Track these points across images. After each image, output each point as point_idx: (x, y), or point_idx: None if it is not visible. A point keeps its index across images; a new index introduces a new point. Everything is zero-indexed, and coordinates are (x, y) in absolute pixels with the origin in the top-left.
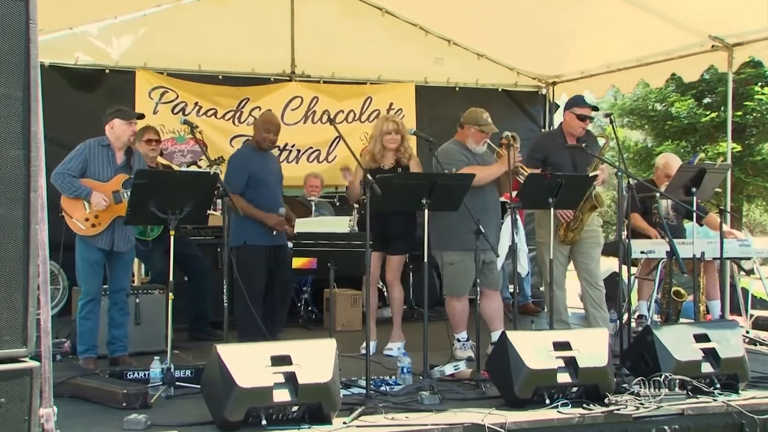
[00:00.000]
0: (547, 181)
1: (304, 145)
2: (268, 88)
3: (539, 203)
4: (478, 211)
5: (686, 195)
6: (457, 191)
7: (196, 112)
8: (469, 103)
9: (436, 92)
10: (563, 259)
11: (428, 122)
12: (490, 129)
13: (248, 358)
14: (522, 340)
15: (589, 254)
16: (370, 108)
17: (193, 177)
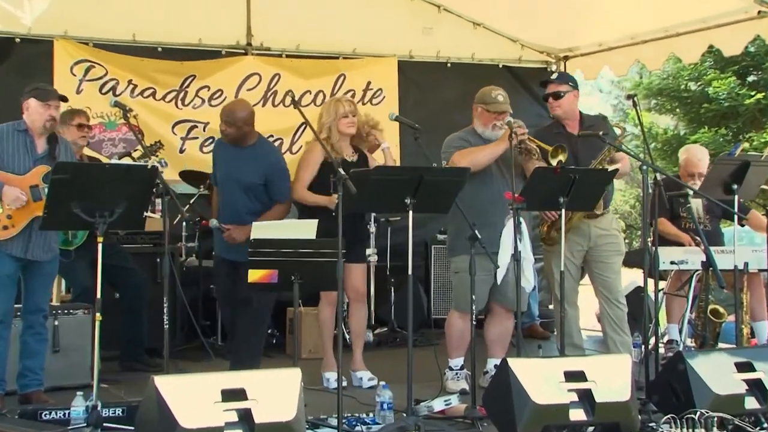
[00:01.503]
0: (557, 176)
1: (263, 133)
2: (219, 64)
3: (548, 203)
4: (486, 204)
5: (726, 193)
6: (448, 188)
7: (129, 93)
8: (463, 81)
9: (424, 69)
10: (576, 271)
11: (414, 105)
12: (498, 108)
13: (193, 392)
14: (527, 369)
15: (607, 265)
16: (343, 87)
17: (125, 171)
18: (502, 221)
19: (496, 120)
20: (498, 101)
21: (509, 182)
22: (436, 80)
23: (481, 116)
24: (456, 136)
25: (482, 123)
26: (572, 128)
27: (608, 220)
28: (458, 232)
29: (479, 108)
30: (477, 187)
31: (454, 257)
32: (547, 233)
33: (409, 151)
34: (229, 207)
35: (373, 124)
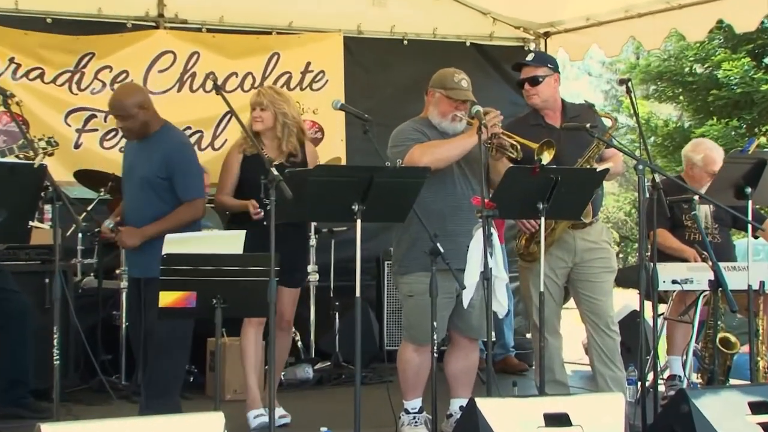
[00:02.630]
0: (535, 177)
1: (177, 124)
2: (123, 39)
3: (525, 210)
4: (447, 211)
5: (738, 198)
6: (404, 192)
7: (11, 74)
8: (423, 62)
9: (376, 47)
10: (558, 292)
11: (363, 91)
12: (462, 95)
13: None
14: (499, 412)
15: (596, 284)
16: (277, 69)
17: (6, 171)
18: (468, 232)
19: (458, 110)
20: (462, 87)
21: (476, 184)
22: (390, 61)
23: (439, 104)
24: (408, 126)
25: (440, 112)
26: (553, 119)
27: (597, 230)
28: (413, 246)
29: (437, 93)
30: (436, 190)
31: (406, 276)
32: (526, 247)
33: (357, 147)
34: (130, 209)
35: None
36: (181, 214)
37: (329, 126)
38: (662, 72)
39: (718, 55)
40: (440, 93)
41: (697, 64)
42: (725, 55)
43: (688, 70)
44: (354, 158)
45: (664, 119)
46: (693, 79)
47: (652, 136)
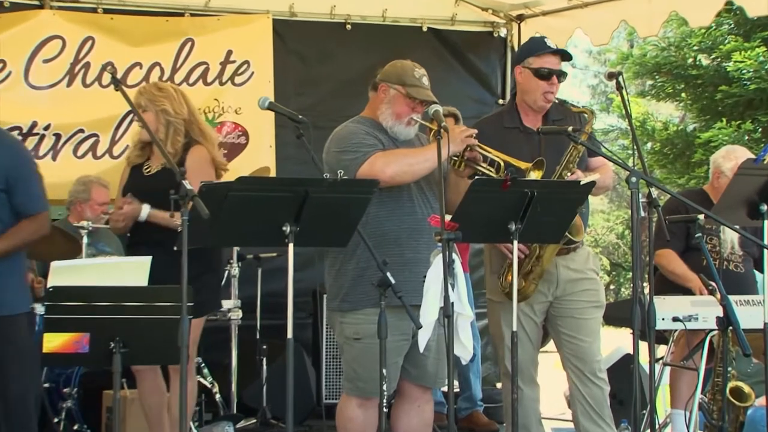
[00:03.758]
0: (506, 191)
1: (67, 126)
2: None
3: (493, 232)
4: (400, 233)
5: (751, 217)
6: (347, 210)
7: None
8: (371, 51)
9: (312, 32)
10: (536, 332)
11: (298, 86)
12: (424, 95)
13: None
14: None
15: (581, 322)
16: (190, 59)
17: None
18: (425, 258)
19: (415, 112)
20: (424, 85)
21: (435, 202)
22: (331, 49)
23: (394, 103)
24: (358, 129)
25: (394, 113)
26: (532, 122)
27: (583, 257)
28: (360, 276)
29: (392, 90)
30: (391, 209)
31: (351, 315)
32: (510, 285)
33: (290, 155)
34: None
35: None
36: (24, 231)
37: (255, 129)
38: (660, 64)
39: (728, 44)
40: (397, 90)
41: (703, 54)
42: (736, 43)
43: (691, 62)
44: (285, 168)
45: (662, 121)
46: (697, 72)
47: (648, 142)
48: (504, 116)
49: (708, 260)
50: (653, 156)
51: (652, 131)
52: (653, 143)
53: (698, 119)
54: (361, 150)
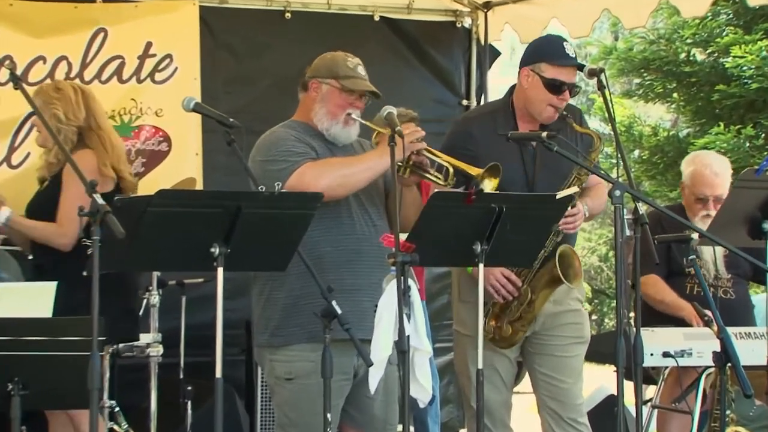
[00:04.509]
0: (470, 206)
1: None
2: None
3: (455, 254)
4: (344, 259)
5: (752, 236)
6: (285, 228)
7: None
8: (315, 42)
9: (247, 21)
10: (509, 370)
11: (229, 84)
12: (361, 86)
13: None
14: None
15: (561, 361)
16: (104, 52)
17: None
18: (373, 286)
19: (353, 107)
20: (360, 75)
21: (377, 219)
22: (268, 42)
23: (328, 99)
24: (287, 134)
25: (329, 111)
26: (528, 126)
27: (565, 285)
28: (293, 306)
29: (324, 86)
30: (327, 227)
31: (282, 351)
32: (498, 327)
33: (219, 163)
34: None
35: None
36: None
37: (179, 134)
38: (649, 60)
39: (726, 37)
40: (330, 84)
41: (697, 48)
42: (735, 36)
43: (684, 58)
44: (214, 180)
45: (651, 125)
46: (691, 69)
47: (635, 149)
48: (498, 118)
49: (703, 286)
50: (641, 166)
51: (639, 137)
52: (641, 151)
53: (692, 123)
54: (290, 159)
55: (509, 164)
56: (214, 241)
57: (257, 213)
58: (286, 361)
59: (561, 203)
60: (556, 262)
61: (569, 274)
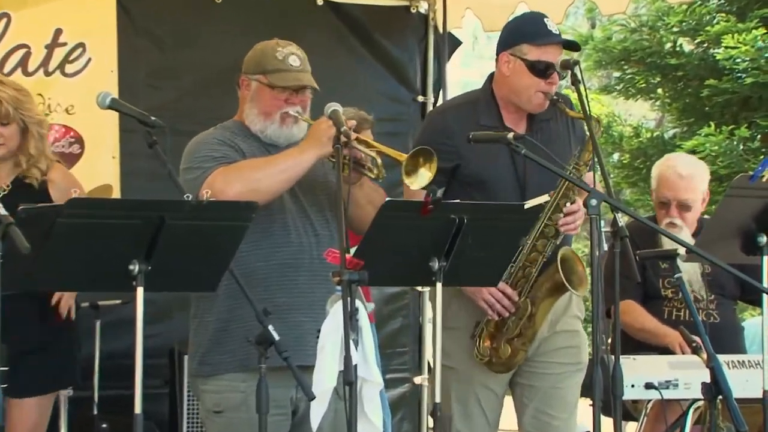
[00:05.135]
0: (426, 217)
1: None
2: None
3: (411, 271)
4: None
5: (746, 251)
6: (215, 243)
7: None
8: (249, 31)
9: (169, 7)
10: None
11: (152, 78)
12: (293, 79)
13: None
14: None
15: (555, 393)
16: (6, 41)
17: None
18: (314, 306)
19: (289, 104)
20: (291, 67)
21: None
22: (196, 30)
23: (258, 98)
24: (209, 138)
25: (261, 111)
26: (516, 123)
27: (563, 300)
28: (223, 330)
29: (254, 83)
30: (257, 239)
31: (211, 381)
32: (494, 349)
33: (140, 168)
34: None
35: None
36: None
37: (93, 135)
38: (630, 50)
39: (717, 25)
40: (258, 81)
41: (684, 38)
42: (727, 24)
43: (670, 48)
44: (134, 186)
45: (633, 125)
46: (678, 61)
47: (614, 152)
48: (479, 109)
49: (691, 308)
50: (621, 171)
51: (619, 138)
52: (621, 154)
53: (679, 123)
54: (204, 166)
55: (497, 161)
56: (133, 257)
57: (183, 225)
58: (215, 392)
59: (530, 214)
60: (558, 266)
61: (573, 281)
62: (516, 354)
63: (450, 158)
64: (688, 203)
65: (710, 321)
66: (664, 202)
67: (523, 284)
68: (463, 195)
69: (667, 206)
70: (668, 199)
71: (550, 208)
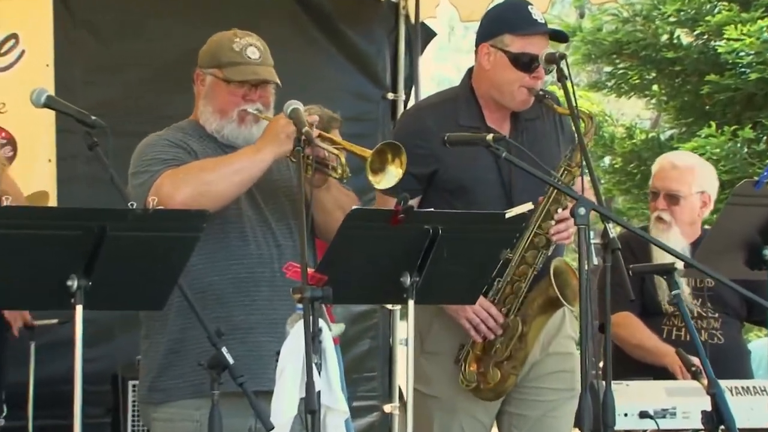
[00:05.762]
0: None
1: None
2: None
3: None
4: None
5: (750, 265)
6: (162, 256)
7: None
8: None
9: None
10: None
11: (91, 73)
12: (251, 73)
13: None
14: None
15: (546, 423)
16: None
17: None
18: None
19: (247, 101)
20: (249, 60)
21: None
22: (141, 20)
23: (213, 95)
24: (155, 140)
25: (216, 108)
26: (500, 122)
27: (555, 320)
28: (174, 353)
29: (209, 78)
30: (210, 251)
31: (162, 408)
32: (482, 374)
33: (79, 173)
34: None
35: None
36: None
37: (27, 136)
38: (622, 43)
39: (718, 15)
40: (213, 75)
41: (683, 29)
42: (729, 14)
43: (666, 40)
44: (72, 193)
45: (626, 125)
46: (675, 55)
47: (605, 155)
48: (459, 107)
49: (690, 327)
50: (612, 176)
51: (610, 140)
52: (612, 158)
53: (677, 123)
54: (152, 169)
55: (478, 165)
56: (71, 272)
57: (127, 236)
58: (167, 420)
59: (512, 223)
60: (551, 279)
61: (568, 295)
62: (506, 379)
63: (427, 162)
64: (677, 194)
65: (713, 342)
66: (654, 192)
67: (512, 301)
68: (442, 204)
69: (655, 197)
70: (657, 189)
71: (540, 215)
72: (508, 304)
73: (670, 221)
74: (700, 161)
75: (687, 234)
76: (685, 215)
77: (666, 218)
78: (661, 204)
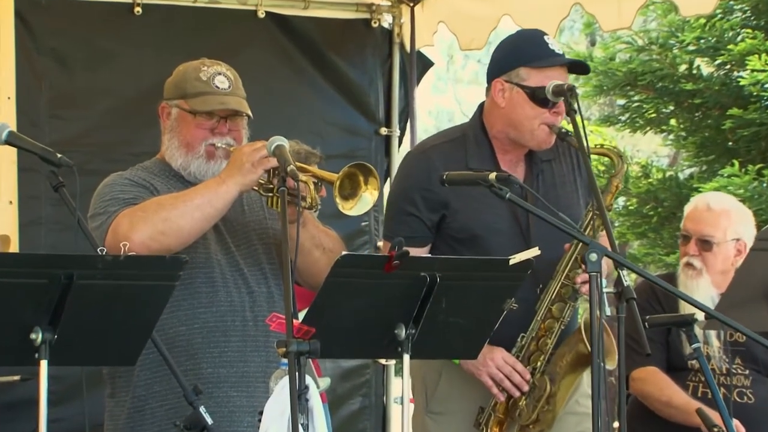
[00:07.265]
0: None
1: None
2: None
3: (371, 342)
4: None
5: None
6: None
7: None
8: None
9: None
10: None
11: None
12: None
13: None
14: None
15: None
16: None
17: None
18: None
19: (217, 135)
20: (216, 89)
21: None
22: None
23: (179, 128)
24: (116, 180)
25: (183, 143)
26: (511, 164)
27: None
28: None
29: (174, 109)
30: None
31: None
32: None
33: (43, 216)
34: None
35: None
36: None
37: None
38: (637, 73)
39: (741, 43)
40: (178, 107)
41: (703, 58)
42: (753, 42)
43: (685, 71)
44: (36, 238)
45: (641, 163)
46: (695, 86)
47: (621, 196)
48: (468, 148)
49: (711, 384)
50: (627, 219)
51: (625, 180)
52: (627, 199)
53: (697, 161)
54: (110, 210)
55: (493, 211)
56: (35, 324)
57: (96, 285)
58: None
59: (517, 270)
60: (581, 334)
61: None
62: None
63: (436, 208)
64: (710, 240)
65: (742, 401)
66: (686, 235)
67: (538, 358)
68: (452, 254)
69: (686, 241)
70: (689, 233)
71: (567, 264)
72: (533, 362)
73: (701, 268)
74: (738, 205)
75: (717, 283)
76: (717, 263)
77: (697, 265)
78: (692, 249)
